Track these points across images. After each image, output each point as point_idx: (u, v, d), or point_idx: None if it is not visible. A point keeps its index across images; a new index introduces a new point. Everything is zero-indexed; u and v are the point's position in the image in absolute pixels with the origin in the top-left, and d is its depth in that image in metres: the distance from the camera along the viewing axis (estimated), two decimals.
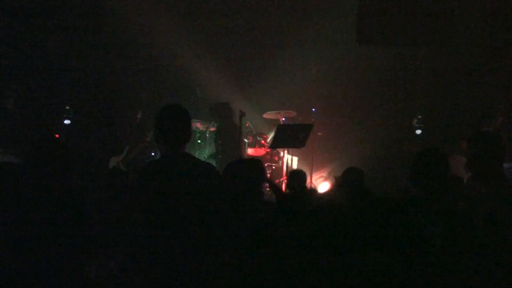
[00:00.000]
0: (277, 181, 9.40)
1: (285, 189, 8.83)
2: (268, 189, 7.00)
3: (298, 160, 9.75)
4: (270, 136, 9.35)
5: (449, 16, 9.36)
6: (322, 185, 9.45)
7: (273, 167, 9.52)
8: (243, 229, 3.55)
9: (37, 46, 9.58)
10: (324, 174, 9.88)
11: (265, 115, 9.80)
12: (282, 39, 10.39)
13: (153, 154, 8.87)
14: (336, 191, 2.89)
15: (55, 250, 3.37)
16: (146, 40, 9.95)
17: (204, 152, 9.44)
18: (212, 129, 9.58)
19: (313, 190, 5.50)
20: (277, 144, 8.61)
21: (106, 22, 9.64)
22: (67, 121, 9.49)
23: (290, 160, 9.17)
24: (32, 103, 9.30)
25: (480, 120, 8.34)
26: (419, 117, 9.83)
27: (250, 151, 9.45)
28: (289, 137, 8.32)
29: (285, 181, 8.93)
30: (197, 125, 9.40)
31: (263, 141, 9.47)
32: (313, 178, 9.28)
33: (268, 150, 9.43)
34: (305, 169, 8.04)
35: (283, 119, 9.60)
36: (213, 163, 8.55)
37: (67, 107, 9.62)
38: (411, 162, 3.75)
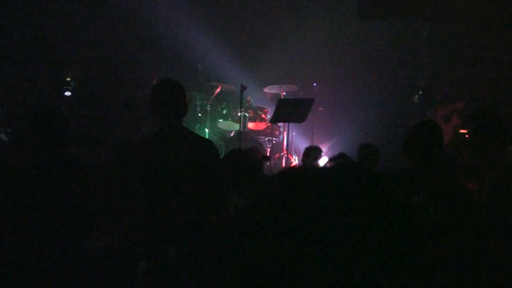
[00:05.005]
0: (277, 155, 9.43)
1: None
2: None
3: (299, 135, 9.77)
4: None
5: None
6: (322, 160, 9.47)
7: (274, 142, 9.54)
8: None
9: (37, 15, 9.51)
10: (324, 149, 9.89)
11: (266, 90, 9.78)
12: (284, 14, 10.31)
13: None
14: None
15: (54, 224, 3.39)
16: (147, 13, 9.88)
17: (204, 125, 9.44)
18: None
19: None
20: (277, 118, 8.60)
21: None
22: (67, 93, 9.48)
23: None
24: (32, 74, 9.27)
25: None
26: (420, 93, 9.80)
27: (250, 125, 9.45)
28: (290, 112, 8.30)
29: (285, 155, 8.96)
30: (197, 98, 9.38)
31: (263, 115, 9.47)
32: None
33: (269, 124, 9.43)
34: (305, 144, 8.06)
35: (284, 93, 9.58)
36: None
37: (68, 79, 9.60)
38: (406, 135, 3.68)
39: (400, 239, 1.01)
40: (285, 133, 9.01)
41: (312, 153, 6.94)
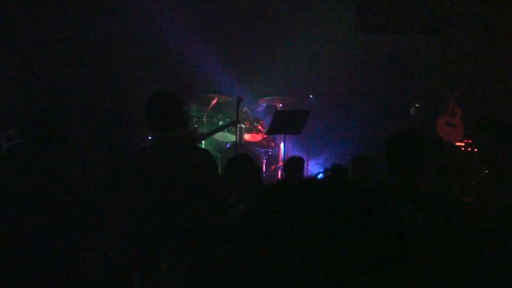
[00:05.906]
0: (273, 167, 9.43)
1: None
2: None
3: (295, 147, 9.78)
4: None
5: (448, 3, 9.32)
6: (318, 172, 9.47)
7: (270, 153, 9.54)
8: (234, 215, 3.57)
9: (35, 25, 9.53)
10: (321, 161, 9.90)
11: (262, 101, 9.79)
12: (281, 25, 10.34)
13: (150, 138, 8.85)
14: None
15: (52, 233, 3.38)
16: (144, 24, 9.91)
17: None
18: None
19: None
20: (274, 130, 8.61)
21: (106, 4, 9.62)
22: None
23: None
24: (31, 81, 9.28)
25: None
26: (417, 105, 9.81)
27: (246, 136, 9.45)
28: (286, 124, 8.32)
29: (281, 167, 8.95)
30: (194, 109, 9.39)
31: (260, 127, 9.47)
32: (310, 165, 9.30)
33: (265, 136, 9.43)
34: (302, 156, 8.05)
35: (281, 105, 9.60)
36: None
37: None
38: (386, 146, 3.61)
39: (384, 248, 1.03)
40: (281, 144, 9.01)
41: (296, 165, 6.86)
